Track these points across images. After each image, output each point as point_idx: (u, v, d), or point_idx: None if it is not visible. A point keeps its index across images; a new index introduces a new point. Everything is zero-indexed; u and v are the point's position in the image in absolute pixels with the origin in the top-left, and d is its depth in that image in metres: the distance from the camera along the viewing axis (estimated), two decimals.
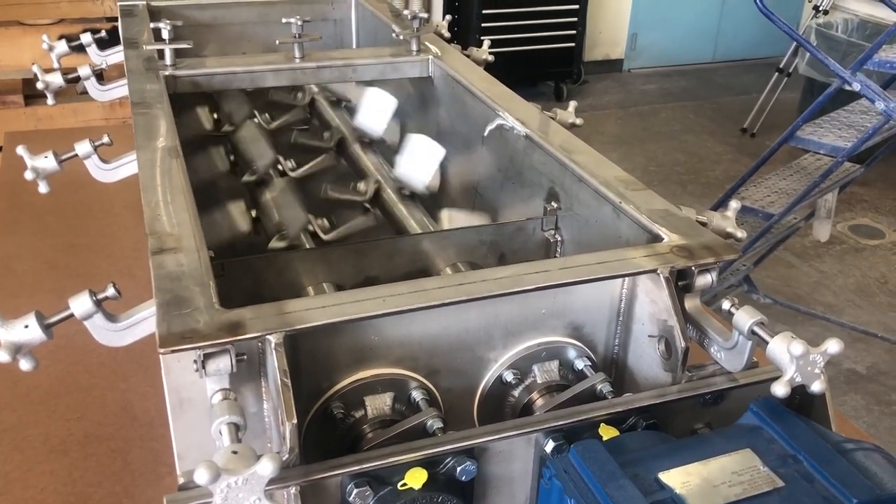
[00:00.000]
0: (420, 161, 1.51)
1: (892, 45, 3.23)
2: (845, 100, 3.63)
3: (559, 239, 1.25)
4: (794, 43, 5.10)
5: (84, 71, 1.63)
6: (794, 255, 4.31)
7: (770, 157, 3.44)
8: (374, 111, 1.66)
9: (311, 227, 1.48)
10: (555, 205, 1.24)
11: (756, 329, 0.85)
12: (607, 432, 0.84)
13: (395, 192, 1.57)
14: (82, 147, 1.32)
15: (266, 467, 0.67)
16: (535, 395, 0.96)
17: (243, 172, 1.72)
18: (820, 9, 5.38)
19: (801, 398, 0.89)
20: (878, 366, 3.47)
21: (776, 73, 5.72)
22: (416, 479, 0.78)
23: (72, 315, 0.87)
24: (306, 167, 1.66)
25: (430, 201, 1.59)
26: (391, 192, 1.58)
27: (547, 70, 6.21)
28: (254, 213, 1.61)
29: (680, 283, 0.95)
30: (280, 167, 1.67)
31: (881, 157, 3.66)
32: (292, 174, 1.65)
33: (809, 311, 3.79)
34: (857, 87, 3.04)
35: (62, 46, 1.80)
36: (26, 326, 0.85)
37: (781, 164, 3.76)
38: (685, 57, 7.24)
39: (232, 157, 1.79)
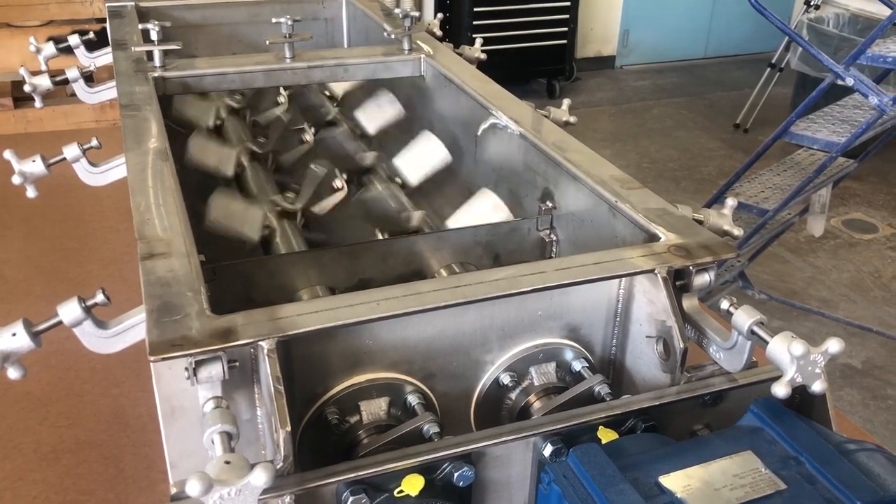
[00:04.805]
0: (482, 219, 1.37)
1: (885, 40, 3.22)
2: (838, 94, 3.62)
3: (554, 239, 1.24)
4: (786, 38, 5.11)
5: (72, 73, 1.61)
6: (788, 250, 4.30)
7: (764, 152, 3.43)
8: (421, 160, 1.58)
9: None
10: (550, 204, 1.23)
11: (755, 329, 0.84)
12: (606, 435, 0.83)
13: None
14: (70, 150, 1.31)
15: (259, 477, 0.66)
16: (532, 398, 0.95)
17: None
18: (811, 4, 5.38)
19: (801, 398, 0.88)
20: (874, 360, 3.47)
21: (768, 69, 5.72)
22: (412, 485, 0.77)
23: (60, 322, 0.86)
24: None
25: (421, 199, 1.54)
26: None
27: (539, 67, 6.20)
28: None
29: (678, 282, 0.94)
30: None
31: (874, 152, 3.66)
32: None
33: (804, 306, 3.78)
34: (850, 81, 3.03)
35: (50, 48, 1.78)
36: (14, 334, 0.84)
37: (775, 159, 3.75)
38: (677, 53, 7.23)
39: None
